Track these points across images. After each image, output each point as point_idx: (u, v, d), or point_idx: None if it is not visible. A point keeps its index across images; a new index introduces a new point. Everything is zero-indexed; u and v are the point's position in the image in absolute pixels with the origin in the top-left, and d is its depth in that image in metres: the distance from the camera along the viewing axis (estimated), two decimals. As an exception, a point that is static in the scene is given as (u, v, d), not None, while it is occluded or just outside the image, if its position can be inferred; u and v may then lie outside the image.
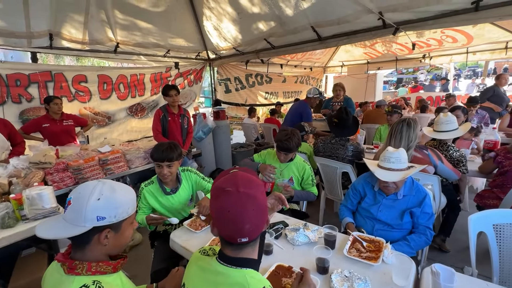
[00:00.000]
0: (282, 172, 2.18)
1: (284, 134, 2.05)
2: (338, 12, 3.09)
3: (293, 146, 2.03)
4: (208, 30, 4.35)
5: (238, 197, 0.78)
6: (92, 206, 0.83)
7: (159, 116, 3.08)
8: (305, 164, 2.16)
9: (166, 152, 1.70)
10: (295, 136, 2.04)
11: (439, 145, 2.43)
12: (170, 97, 3.05)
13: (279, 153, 2.10)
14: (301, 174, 2.16)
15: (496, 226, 1.43)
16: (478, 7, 2.44)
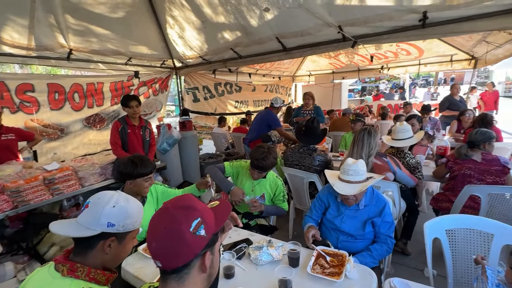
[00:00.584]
0: (254, 189, 2.10)
1: (260, 152, 1.93)
2: (301, 24, 3.17)
3: (269, 165, 1.95)
4: (173, 39, 4.22)
5: (161, 210, 0.75)
6: (107, 211, 0.90)
7: (117, 129, 2.86)
8: (277, 180, 2.12)
9: (147, 164, 1.69)
10: (271, 154, 1.95)
11: (397, 153, 2.56)
12: (131, 108, 2.86)
13: (253, 171, 2.01)
14: (273, 191, 2.11)
15: (448, 231, 1.50)
16: (424, 25, 2.64)
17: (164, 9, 3.61)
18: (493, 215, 2.05)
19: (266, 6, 3.00)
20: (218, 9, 3.27)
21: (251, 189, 2.10)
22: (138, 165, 1.65)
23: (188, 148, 3.98)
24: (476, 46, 4.80)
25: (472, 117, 4.39)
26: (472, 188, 2.05)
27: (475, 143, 2.27)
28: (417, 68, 7.28)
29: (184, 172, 3.99)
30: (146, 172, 1.68)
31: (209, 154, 4.87)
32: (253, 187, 2.11)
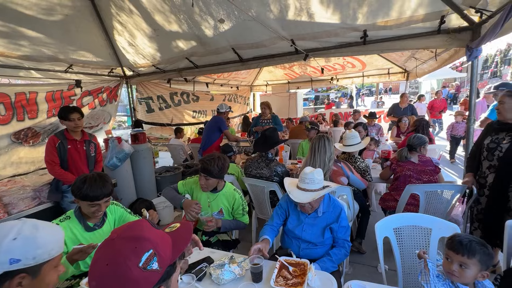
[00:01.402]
0: (210, 204, 2.00)
1: (209, 156, 1.91)
2: (256, 37, 3.25)
3: (214, 170, 1.85)
4: (122, 46, 3.94)
5: (106, 242, 0.66)
6: (6, 246, 0.77)
7: (54, 145, 2.51)
8: (235, 193, 2.03)
9: (100, 186, 1.45)
10: (221, 160, 1.89)
11: (349, 158, 2.74)
12: (71, 122, 2.55)
13: (200, 177, 1.92)
14: (231, 204, 2.02)
15: (395, 229, 1.63)
16: (365, 42, 2.94)
17: (110, 14, 3.36)
18: (430, 210, 2.32)
19: (221, 18, 3.00)
20: (170, 18, 3.16)
21: (208, 204, 2.01)
22: (86, 184, 1.41)
23: (141, 162, 3.70)
24: (407, 61, 5.52)
25: (407, 123, 5.00)
26: (412, 187, 2.30)
27: (413, 147, 2.57)
28: (361, 80, 8.04)
29: (138, 189, 3.69)
30: (93, 196, 1.42)
31: (165, 167, 4.60)
32: (210, 202, 2.01)
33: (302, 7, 2.64)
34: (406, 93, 6.36)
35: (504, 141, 2.04)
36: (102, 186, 1.45)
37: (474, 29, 2.49)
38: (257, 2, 2.68)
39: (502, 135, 2.07)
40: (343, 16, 2.68)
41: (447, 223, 1.57)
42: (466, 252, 1.07)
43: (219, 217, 2.00)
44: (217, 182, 1.96)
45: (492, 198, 2.09)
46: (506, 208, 2.02)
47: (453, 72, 19.64)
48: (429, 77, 15.01)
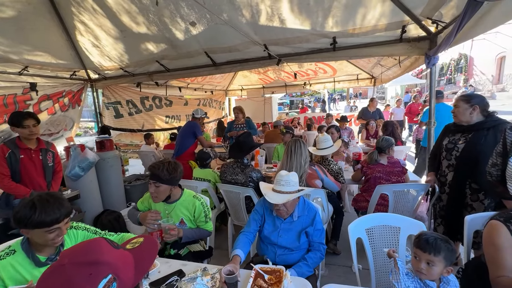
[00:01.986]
0: (169, 215, 1.86)
1: (161, 161, 1.78)
2: (228, 41, 3.22)
3: (164, 174, 1.69)
4: (85, 47, 3.69)
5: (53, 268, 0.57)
6: None
7: (4, 155, 2.25)
8: (195, 200, 1.89)
9: (57, 206, 1.18)
10: (171, 164, 1.75)
11: (322, 161, 2.80)
12: (25, 129, 2.30)
13: (149, 185, 1.75)
14: (192, 213, 1.88)
15: (367, 230, 1.67)
16: (335, 48, 3.05)
17: (70, 13, 3.13)
18: (398, 209, 2.43)
19: (192, 20, 2.94)
20: (138, 19, 3.02)
21: (166, 216, 1.86)
22: (38, 210, 1.14)
23: (108, 171, 3.46)
24: (374, 68, 5.84)
25: (374, 126, 5.27)
26: (381, 188, 2.39)
27: (382, 149, 2.68)
28: (332, 85, 8.37)
29: (104, 200, 3.44)
30: (49, 220, 1.15)
31: (136, 175, 4.36)
32: (168, 214, 1.87)
33: (274, 12, 2.67)
34: (375, 98, 6.72)
35: (460, 142, 2.20)
36: (60, 205, 1.20)
37: (431, 39, 2.69)
38: (229, 6, 2.66)
39: (458, 136, 2.23)
40: (313, 23, 2.75)
41: (414, 221, 1.64)
42: (432, 250, 1.11)
43: (181, 227, 1.90)
44: (170, 189, 1.80)
45: (451, 195, 2.24)
46: (464, 204, 2.17)
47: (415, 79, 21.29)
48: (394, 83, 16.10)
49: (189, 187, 2.89)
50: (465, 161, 2.14)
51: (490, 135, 2.04)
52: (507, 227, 1.15)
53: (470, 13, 1.79)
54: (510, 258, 1.13)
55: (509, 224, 1.15)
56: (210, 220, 1.94)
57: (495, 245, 1.15)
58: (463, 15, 1.81)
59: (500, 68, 17.53)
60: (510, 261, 1.13)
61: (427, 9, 2.30)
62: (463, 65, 21.64)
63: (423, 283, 1.17)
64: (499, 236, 1.15)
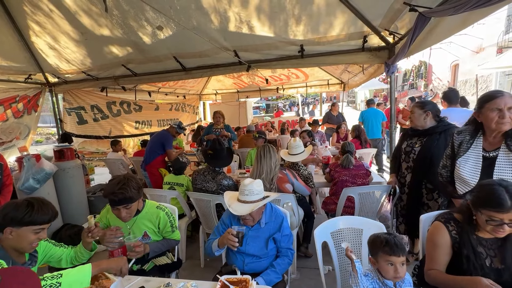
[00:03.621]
0: (131, 230, 1.75)
1: (115, 183, 1.59)
2: (198, 46, 3.19)
3: (134, 193, 1.59)
4: (41, 49, 3.43)
5: None
6: None
7: None
8: (158, 211, 1.77)
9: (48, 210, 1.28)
10: (131, 180, 1.63)
11: (293, 166, 2.84)
12: None
13: (118, 211, 1.60)
14: (156, 224, 1.78)
15: (332, 233, 1.72)
16: (303, 55, 3.14)
17: (23, 13, 2.90)
18: (364, 210, 2.54)
19: (159, 25, 2.86)
20: (100, 21, 2.88)
21: (128, 232, 1.75)
22: (35, 208, 1.23)
23: (68, 182, 3.22)
24: (342, 74, 6.11)
25: (345, 130, 5.49)
26: (347, 190, 2.48)
27: (351, 152, 2.80)
28: (305, 90, 8.61)
29: (64, 213, 3.19)
30: (42, 220, 1.26)
31: (101, 185, 4.10)
32: (129, 228, 1.76)
33: (242, 19, 2.69)
34: (337, 102, 7.03)
35: (417, 145, 2.36)
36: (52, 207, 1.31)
37: (390, 48, 2.88)
38: (197, 12, 2.63)
39: (415, 140, 2.39)
40: (280, 31, 2.82)
41: (375, 223, 1.72)
42: (403, 251, 1.18)
43: (145, 241, 1.81)
44: (138, 203, 1.71)
45: (410, 195, 2.39)
46: (421, 203, 2.33)
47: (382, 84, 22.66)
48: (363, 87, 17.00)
49: (159, 196, 2.79)
50: (420, 163, 2.30)
51: (441, 139, 2.21)
52: (446, 227, 1.26)
53: (420, 27, 1.94)
54: (443, 255, 1.27)
55: (448, 224, 1.26)
56: (177, 229, 1.86)
57: (433, 242, 1.27)
58: (414, 28, 1.96)
59: (455, 75, 19.31)
60: (442, 257, 1.27)
61: (385, 21, 2.46)
62: (423, 72, 23.48)
63: (382, 283, 1.22)
64: (438, 235, 1.27)
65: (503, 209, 1.07)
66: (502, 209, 1.08)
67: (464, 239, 1.22)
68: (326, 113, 6.75)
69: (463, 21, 1.77)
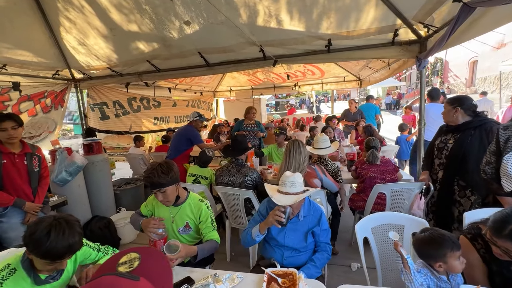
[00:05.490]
0: (174, 219, 1.79)
1: (148, 169, 1.66)
2: (223, 41, 3.19)
3: (162, 177, 1.61)
4: (71, 45, 3.51)
5: None
6: None
7: (-15, 160, 2.08)
8: (201, 204, 1.82)
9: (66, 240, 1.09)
10: (162, 165, 1.66)
11: (320, 161, 2.82)
12: (3, 132, 2.12)
13: (155, 194, 1.68)
14: (197, 217, 1.80)
15: (372, 229, 1.69)
16: (329, 50, 3.09)
17: (56, 9, 2.96)
18: (395, 207, 2.49)
19: (187, 20, 2.87)
20: (130, 17, 2.91)
21: (171, 220, 1.80)
22: (52, 237, 1.05)
23: (97, 175, 3.30)
24: (362, 70, 6.00)
25: (364, 126, 5.40)
26: (379, 187, 2.44)
27: (376, 148, 2.75)
28: (320, 87, 8.51)
29: (93, 205, 3.27)
30: (57, 254, 1.08)
31: (125, 179, 4.19)
32: (173, 217, 1.80)
33: (271, 13, 2.67)
34: (353, 100, 6.90)
35: (450, 141, 2.30)
36: (70, 235, 1.09)
37: (422, 42, 2.80)
38: (226, 6, 2.62)
39: (449, 136, 2.33)
40: (309, 25, 2.78)
41: (417, 219, 1.68)
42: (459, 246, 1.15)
43: (186, 232, 1.82)
44: (176, 189, 1.73)
45: (441, 192, 2.33)
46: (453, 200, 2.26)
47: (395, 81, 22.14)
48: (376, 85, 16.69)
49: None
50: (453, 160, 2.23)
51: (475, 135, 2.14)
52: (473, 245, 1.23)
53: (463, 18, 1.87)
54: (478, 273, 1.23)
55: (475, 242, 1.23)
56: (215, 229, 1.83)
57: (467, 260, 1.19)
58: (457, 19, 1.89)
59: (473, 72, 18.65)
60: (478, 275, 1.24)
61: (420, 13, 2.39)
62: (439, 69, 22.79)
63: (437, 278, 1.19)
64: (468, 253, 1.23)
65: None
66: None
67: (493, 256, 1.17)
68: (343, 111, 6.66)
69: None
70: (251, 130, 4.48)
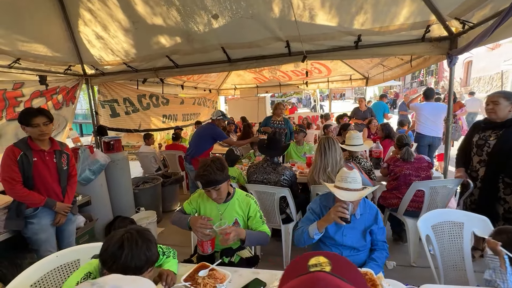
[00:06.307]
0: (222, 216, 1.72)
1: (201, 166, 1.62)
2: (250, 36, 3.11)
3: (217, 174, 1.58)
4: (88, 39, 3.37)
5: None
6: None
7: (15, 158, 1.95)
8: (248, 199, 1.78)
9: (144, 251, 1.01)
10: (215, 162, 1.62)
11: (352, 159, 2.78)
12: (36, 128, 2.00)
13: (208, 192, 1.63)
14: (246, 213, 1.75)
15: (433, 226, 1.66)
16: (357, 46, 3.05)
17: (77, 0, 2.83)
18: (432, 204, 2.48)
19: (215, 13, 2.78)
20: (156, 9, 2.80)
21: (219, 217, 1.73)
22: (125, 252, 0.97)
23: (117, 174, 3.19)
24: (373, 68, 5.99)
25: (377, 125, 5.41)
26: (418, 184, 2.42)
27: (409, 144, 2.73)
28: (326, 85, 8.50)
29: (114, 205, 3.15)
30: (136, 266, 0.98)
31: (141, 178, 4.07)
32: (221, 214, 1.74)
33: (306, 7, 2.61)
34: (363, 98, 6.92)
35: (491, 138, 2.29)
36: (143, 244, 1.02)
37: (452, 39, 2.78)
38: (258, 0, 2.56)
39: (488, 133, 2.32)
40: (342, 20, 2.73)
41: (477, 216, 1.66)
42: None
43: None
44: (228, 185, 1.71)
45: (484, 190, 2.32)
46: (497, 197, 2.26)
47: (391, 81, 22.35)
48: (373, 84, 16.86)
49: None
50: (497, 156, 2.22)
51: None
52: None
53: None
54: None
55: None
56: (265, 222, 1.80)
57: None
58: (507, 13, 1.87)
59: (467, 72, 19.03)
60: None
61: (460, 9, 2.37)
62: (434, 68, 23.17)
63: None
64: None
65: None
66: None
67: None
68: (353, 109, 6.68)
69: None
70: (279, 127, 4.41)
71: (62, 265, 1.43)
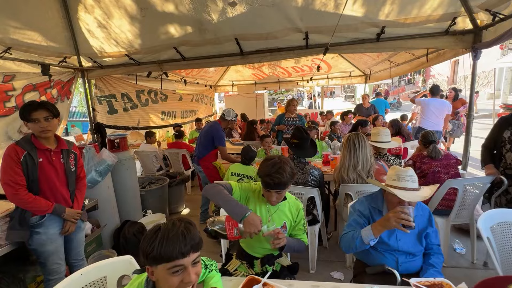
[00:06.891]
0: (272, 218, 1.57)
1: (271, 164, 1.44)
2: (267, 26, 2.92)
3: (288, 178, 1.43)
4: (88, 28, 3.07)
5: None
6: None
7: (18, 158, 1.69)
8: (298, 203, 1.64)
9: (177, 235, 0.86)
10: (287, 164, 1.47)
11: (380, 156, 2.66)
12: (36, 123, 1.75)
13: (270, 194, 1.47)
14: (295, 217, 1.61)
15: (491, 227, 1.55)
16: (379, 39, 2.93)
17: (79, -17, 2.55)
18: (465, 204, 2.40)
19: (233, 0, 2.58)
20: (168, -5, 2.57)
21: (268, 218, 1.57)
22: (164, 238, 0.84)
23: (124, 174, 2.93)
24: (378, 64, 5.93)
25: (383, 121, 5.36)
26: (451, 182, 2.33)
27: (435, 142, 2.64)
28: (325, 82, 8.42)
29: (121, 209, 2.90)
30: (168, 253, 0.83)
31: (147, 178, 3.80)
32: (270, 215, 1.58)
33: (332, -5, 2.45)
34: (366, 94, 6.89)
35: (526, 133, 2.23)
36: (180, 224, 0.89)
37: (477, 33, 2.71)
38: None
39: (522, 127, 2.26)
40: (369, 10, 2.60)
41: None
42: None
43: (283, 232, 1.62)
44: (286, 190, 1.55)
45: (523, 187, 2.26)
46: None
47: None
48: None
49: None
50: (533, 152, 2.17)
51: None
52: None
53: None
54: None
55: None
56: (306, 232, 1.65)
57: None
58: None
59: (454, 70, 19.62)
60: None
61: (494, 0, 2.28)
62: (422, 67, 23.70)
63: None
64: None
65: None
66: None
67: None
68: (357, 105, 6.63)
69: None
70: (293, 124, 4.23)
71: (88, 284, 1.22)
